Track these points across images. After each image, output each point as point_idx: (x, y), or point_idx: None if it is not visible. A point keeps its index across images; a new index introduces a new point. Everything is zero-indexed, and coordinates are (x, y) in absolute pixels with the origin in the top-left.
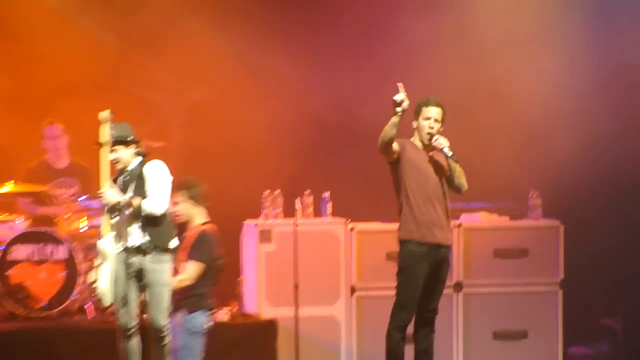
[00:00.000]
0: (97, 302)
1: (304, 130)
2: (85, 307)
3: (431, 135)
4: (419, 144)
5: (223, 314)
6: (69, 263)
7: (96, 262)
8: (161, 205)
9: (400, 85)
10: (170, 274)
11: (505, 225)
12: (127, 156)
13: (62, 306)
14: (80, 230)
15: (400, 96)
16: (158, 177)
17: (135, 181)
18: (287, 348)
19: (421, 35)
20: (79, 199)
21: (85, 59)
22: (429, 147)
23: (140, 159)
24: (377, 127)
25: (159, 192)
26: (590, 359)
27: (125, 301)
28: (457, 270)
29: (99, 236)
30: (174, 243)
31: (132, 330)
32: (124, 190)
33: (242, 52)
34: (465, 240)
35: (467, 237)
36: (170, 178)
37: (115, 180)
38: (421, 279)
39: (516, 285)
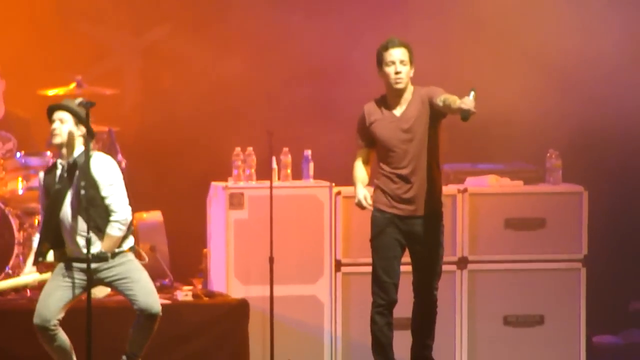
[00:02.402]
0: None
1: (281, 76)
2: None
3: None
4: (388, 100)
5: (185, 293)
6: (3, 231)
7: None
8: (129, 213)
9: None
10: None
11: (518, 191)
12: (72, 136)
13: None
14: (18, 193)
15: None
16: (114, 181)
17: (78, 173)
18: (260, 333)
19: None
20: (15, 156)
21: None
22: (397, 94)
23: (82, 148)
24: (369, 73)
25: (122, 201)
26: (619, 350)
27: (49, 303)
28: (461, 244)
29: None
30: (129, 243)
31: (53, 329)
32: (61, 183)
33: None
34: (471, 208)
35: (473, 204)
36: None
37: (48, 172)
38: (389, 250)
39: (531, 262)
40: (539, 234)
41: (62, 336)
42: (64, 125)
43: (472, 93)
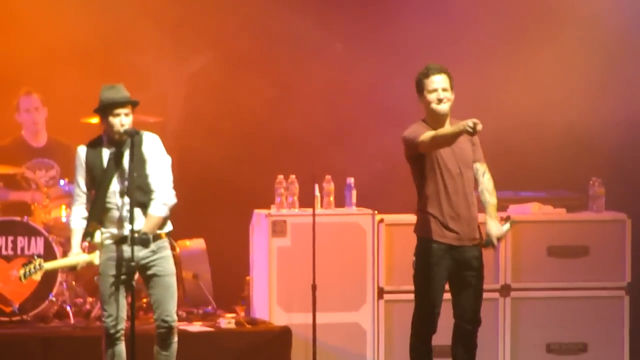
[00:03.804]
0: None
1: (325, 106)
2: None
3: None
4: (430, 125)
5: (227, 321)
6: (47, 258)
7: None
8: (172, 196)
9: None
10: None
11: (561, 219)
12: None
13: (37, 310)
14: (61, 220)
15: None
16: (162, 160)
17: (128, 153)
18: None
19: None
20: (59, 183)
21: (68, 20)
22: (438, 120)
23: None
24: (410, 103)
25: (167, 182)
26: None
27: (113, 300)
28: (504, 271)
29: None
30: (168, 227)
31: (119, 335)
32: (116, 163)
33: (253, 13)
34: (513, 235)
35: (516, 232)
36: (169, 158)
37: (90, 148)
38: (440, 280)
39: (574, 290)
40: (582, 261)
41: (122, 347)
42: (129, 117)
43: (508, 225)
